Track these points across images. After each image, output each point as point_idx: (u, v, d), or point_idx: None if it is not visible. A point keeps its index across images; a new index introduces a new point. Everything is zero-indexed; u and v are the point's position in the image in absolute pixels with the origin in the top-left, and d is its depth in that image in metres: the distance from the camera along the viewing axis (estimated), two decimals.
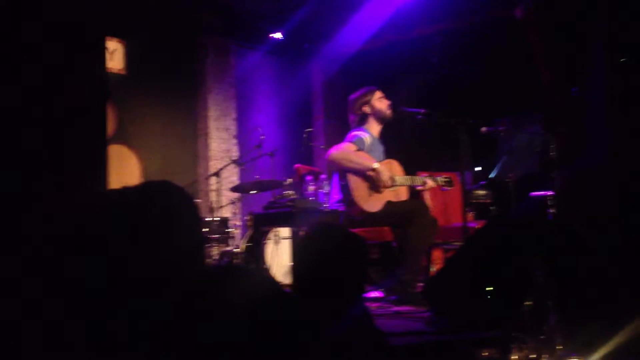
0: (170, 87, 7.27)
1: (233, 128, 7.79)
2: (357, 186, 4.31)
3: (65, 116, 2.11)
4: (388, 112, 4.61)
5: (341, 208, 4.42)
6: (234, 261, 5.75)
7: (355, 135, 4.48)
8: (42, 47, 2.08)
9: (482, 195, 5.73)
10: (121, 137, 6.63)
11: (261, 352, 1.39)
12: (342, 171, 4.37)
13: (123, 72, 6.77)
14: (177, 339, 1.32)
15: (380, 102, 4.62)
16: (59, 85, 2.12)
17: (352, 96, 4.70)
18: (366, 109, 4.61)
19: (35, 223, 1.94)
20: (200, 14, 7.59)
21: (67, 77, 2.15)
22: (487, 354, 2.29)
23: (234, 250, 5.93)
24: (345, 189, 4.33)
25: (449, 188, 4.70)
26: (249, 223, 6.08)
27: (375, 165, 4.30)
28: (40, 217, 1.95)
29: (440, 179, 4.63)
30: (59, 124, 2.09)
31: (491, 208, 5.72)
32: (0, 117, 1.97)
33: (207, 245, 5.81)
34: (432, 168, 4.71)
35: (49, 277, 1.46)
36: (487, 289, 2.91)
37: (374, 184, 4.32)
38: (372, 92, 4.64)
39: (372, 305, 4.02)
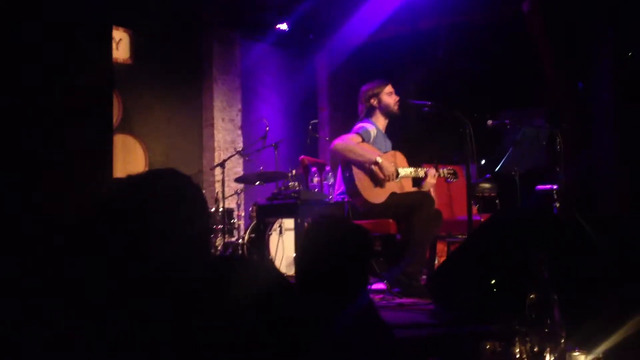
0: (176, 77, 7.27)
1: (238, 119, 7.80)
2: (361, 177, 4.30)
3: (71, 106, 2.11)
4: (395, 108, 4.59)
5: (345, 199, 4.42)
6: (238, 252, 5.76)
7: (361, 127, 4.48)
8: (49, 37, 2.08)
9: (487, 189, 5.73)
10: (127, 127, 6.64)
11: (265, 344, 1.39)
12: (345, 162, 4.36)
13: (129, 62, 6.77)
14: (179, 330, 1.32)
15: (389, 97, 4.59)
16: (65, 75, 2.12)
17: (364, 87, 4.68)
18: (374, 101, 4.59)
19: (41, 212, 1.95)
20: (206, 5, 7.58)
21: (73, 67, 2.15)
22: (490, 346, 2.29)
23: (238, 241, 5.95)
24: (349, 180, 4.33)
25: (454, 180, 4.68)
26: (253, 214, 6.09)
27: (379, 158, 4.29)
28: (47, 206, 1.96)
29: (445, 171, 4.62)
30: (65, 114, 2.09)
31: (496, 201, 5.71)
32: (7, 107, 1.97)
33: (211, 235, 5.82)
34: (437, 160, 4.70)
35: (55, 266, 1.47)
36: (491, 282, 2.91)
37: (378, 176, 4.31)
38: (382, 85, 4.61)
39: (376, 298, 4.02)
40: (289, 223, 5.58)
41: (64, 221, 1.81)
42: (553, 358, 2.08)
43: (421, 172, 4.51)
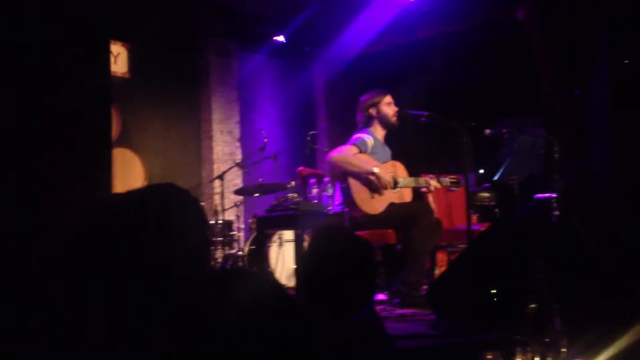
0: (174, 90, 7.28)
1: (236, 131, 7.81)
2: (358, 189, 4.30)
3: (70, 120, 2.11)
4: (394, 118, 4.57)
5: (345, 210, 4.42)
6: (238, 264, 5.75)
7: (358, 138, 4.47)
8: (47, 51, 2.09)
9: (486, 198, 5.72)
10: (125, 141, 6.64)
11: (265, 356, 1.39)
12: (343, 174, 4.36)
13: (127, 76, 6.78)
14: (180, 342, 1.32)
15: (387, 107, 4.58)
16: (64, 88, 2.12)
17: (363, 96, 4.68)
18: (372, 111, 4.59)
19: (39, 227, 1.95)
20: (203, 18, 7.61)
21: (72, 81, 2.15)
22: (491, 356, 2.29)
23: (238, 253, 5.93)
24: (346, 192, 4.32)
25: (457, 189, 4.66)
26: (252, 226, 6.08)
27: (376, 169, 4.28)
28: (45, 221, 1.96)
29: (447, 179, 4.60)
30: (63, 128, 2.09)
31: (495, 210, 5.71)
32: (5, 122, 1.98)
33: (211, 248, 5.81)
34: (435, 170, 4.70)
35: (51, 280, 1.47)
36: (491, 291, 2.91)
37: (375, 187, 4.30)
38: (382, 95, 4.60)
39: (377, 308, 4.01)
40: (288, 234, 5.58)
41: (62, 236, 1.81)
42: None
43: (422, 182, 4.49)
